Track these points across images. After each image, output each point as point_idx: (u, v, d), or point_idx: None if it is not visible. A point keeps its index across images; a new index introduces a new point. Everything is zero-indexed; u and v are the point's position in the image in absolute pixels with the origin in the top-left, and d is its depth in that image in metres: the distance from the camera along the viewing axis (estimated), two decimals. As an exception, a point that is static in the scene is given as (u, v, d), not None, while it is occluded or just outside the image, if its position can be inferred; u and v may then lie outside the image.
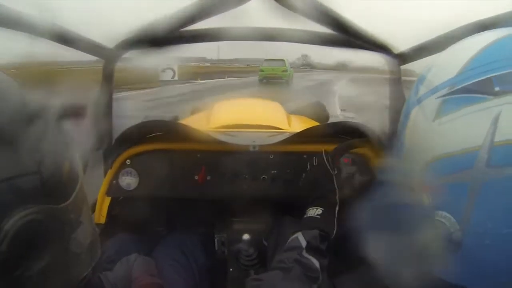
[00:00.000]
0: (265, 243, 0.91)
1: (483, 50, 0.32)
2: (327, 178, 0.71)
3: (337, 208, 0.67)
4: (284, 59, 15.89)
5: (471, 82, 0.31)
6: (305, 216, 0.68)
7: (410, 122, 0.37)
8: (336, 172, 0.72)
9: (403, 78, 0.95)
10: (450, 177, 0.31)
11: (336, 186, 0.70)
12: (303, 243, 0.61)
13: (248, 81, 15.98)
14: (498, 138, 0.28)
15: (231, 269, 0.98)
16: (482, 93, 0.30)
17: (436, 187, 0.32)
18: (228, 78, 17.52)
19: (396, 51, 0.90)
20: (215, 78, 16.18)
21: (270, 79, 15.20)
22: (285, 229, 0.80)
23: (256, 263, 0.93)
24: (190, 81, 12.69)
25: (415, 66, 0.86)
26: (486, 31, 0.36)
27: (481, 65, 0.31)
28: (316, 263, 0.58)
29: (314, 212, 0.67)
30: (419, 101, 0.36)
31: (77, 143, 0.39)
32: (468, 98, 0.30)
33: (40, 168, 0.31)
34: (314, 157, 0.76)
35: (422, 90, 0.36)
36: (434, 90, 0.34)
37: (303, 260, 0.58)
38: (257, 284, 0.55)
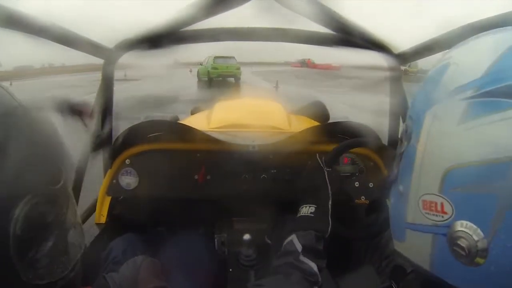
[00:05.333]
0: (268, 241, 0.91)
1: (508, 51, 0.30)
2: (318, 174, 0.70)
3: (330, 203, 0.65)
4: (233, 56, 14.99)
5: (499, 85, 0.29)
6: (299, 215, 0.66)
7: (426, 125, 0.33)
8: (329, 169, 0.71)
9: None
10: (476, 186, 0.29)
11: (328, 181, 0.68)
12: (299, 247, 0.59)
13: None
14: None
15: (230, 269, 0.98)
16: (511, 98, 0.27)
17: (459, 195, 0.30)
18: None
19: (396, 51, 0.90)
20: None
21: (225, 77, 14.43)
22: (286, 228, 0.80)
23: (255, 263, 0.93)
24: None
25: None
26: (508, 27, 0.33)
27: (507, 68, 0.29)
28: (314, 266, 0.57)
29: (307, 210, 0.65)
30: (435, 101, 0.33)
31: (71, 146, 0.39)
32: (497, 103, 0.28)
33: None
34: (309, 160, 0.75)
35: (438, 90, 0.33)
36: (457, 91, 0.31)
37: (301, 265, 0.56)
38: None
